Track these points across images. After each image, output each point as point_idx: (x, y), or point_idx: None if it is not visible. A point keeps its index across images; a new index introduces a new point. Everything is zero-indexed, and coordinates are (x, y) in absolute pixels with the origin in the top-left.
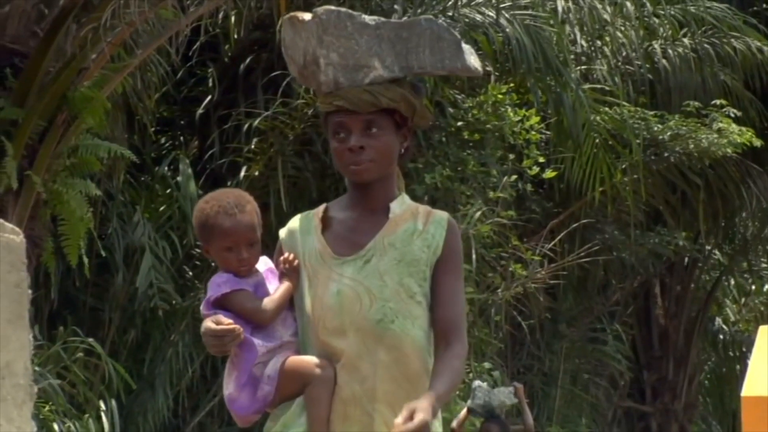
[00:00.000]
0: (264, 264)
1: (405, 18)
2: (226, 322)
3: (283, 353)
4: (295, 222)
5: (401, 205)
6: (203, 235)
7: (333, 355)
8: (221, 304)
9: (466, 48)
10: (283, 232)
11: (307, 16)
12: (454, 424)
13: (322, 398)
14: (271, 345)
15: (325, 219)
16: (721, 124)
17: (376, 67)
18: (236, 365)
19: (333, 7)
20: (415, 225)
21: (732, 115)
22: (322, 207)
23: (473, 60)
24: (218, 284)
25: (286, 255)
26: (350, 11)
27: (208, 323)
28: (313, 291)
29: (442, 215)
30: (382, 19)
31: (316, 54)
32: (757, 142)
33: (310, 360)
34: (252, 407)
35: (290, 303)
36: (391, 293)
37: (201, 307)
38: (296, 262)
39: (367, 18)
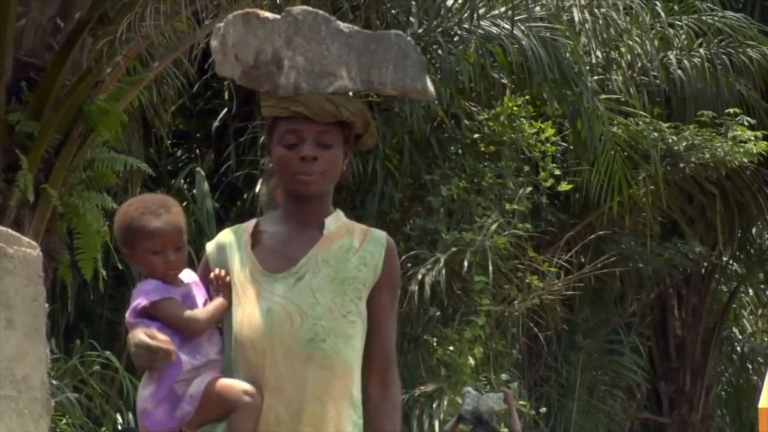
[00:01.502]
0: (188, 276)
1: (375, 30)
2: (162, 338)
3: (208, 373)
4: (223, 236)
5: (336, 221)
6: (126, 238)
7: (259, 376)
8: (148, 313)
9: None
10: (210, 246)
11: (268, 14)
12: (447, 428)
13: (246, 427)
14: (196, 362)
15: (256, 234)
16: (736, 133)
17: (342, 77)
18: (156, 379)
19: (310, 9)
20: (351, 242)
21: (746, 123)
22: (252, 221)
23: (430, 84)
24: (146, 292)
25: (217, 271)
26: (328, 16)
27: (141, 335)
28: (241, 309)
29: (381, 234)
30: (356, 27)
31: (279, 54)
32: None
33: (239, 386)
34: (167, 425)
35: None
36: (324, 311)
37: (126, 315)
38: (228, 278)
39: (342, 24)
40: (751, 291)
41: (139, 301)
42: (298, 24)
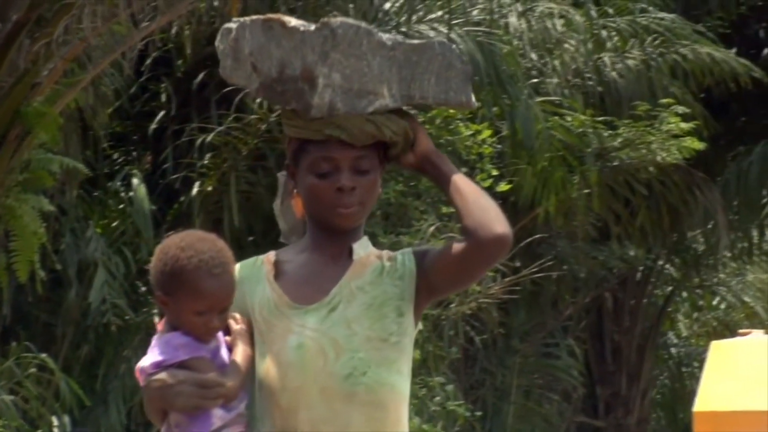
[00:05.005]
0: None
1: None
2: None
3: (235, 426)
4: (242, 270)
5: (365, 247)
6: (168, 286)
7: (293, 423)
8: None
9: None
10: None
11: (295, 22)
12: None
13: None
14: (228, 417)
15: (277, 264)
16: (670, 125)
17: (383, 95)
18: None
19: (351, 21)
20: (382, 263)
21: (680, 114)
22: (271, 253)
23: (472, 94)
24: (174, 347)
25: (237, 316)
26: (370, 28)
27: (183, 371)
28: (267, 348)
29: (407, 249)
30: (399, 38)
31: (312, 71)
32: (700, 145)
33: None
34: None
35: None
36: (361, 342)
37: (144, 365)
38: (244, 322)
39: (385, 36)
40: (686, 295)
41: (165, 357)
42: (336, 38)
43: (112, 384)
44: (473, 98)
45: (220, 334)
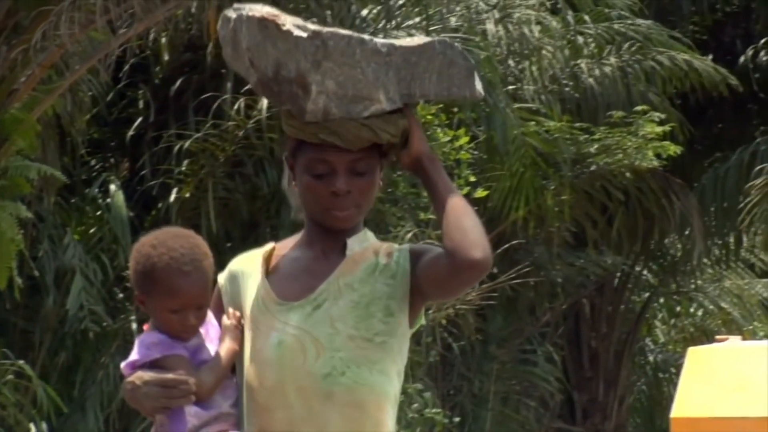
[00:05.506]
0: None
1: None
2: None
3: (216, 425)
4: (236, 264)
5: (362, 241)
6: (143, 285)
7: (270, 422)
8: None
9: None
10: (222, 277)
11: (289, 23)
12: None
13: None
14: (205, 415)
15: (273, 259)
16: (645, 130)
17: (380, 100)
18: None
19: (343, 32)
20: (377, 260)
21: (656, 120)
22: (269, 246)
23: (479, 86)
24: (147, 346)
25: (231, 312)
26: (362, 37)
27: (150, 373)
28: (251, 345)
29: (405, 246)
30: (395, 43)
31: (306, 78)
32: (677, 148)
33: None
34: None
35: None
36: (343, 341)
37: (122, 366)
38: (236, 318)
39: (380, 43)
40: (663, 301)
41: (138, 357)
42: (328, 49)
43: (89, 391)
44: (479, 89)
45: (213, 331)
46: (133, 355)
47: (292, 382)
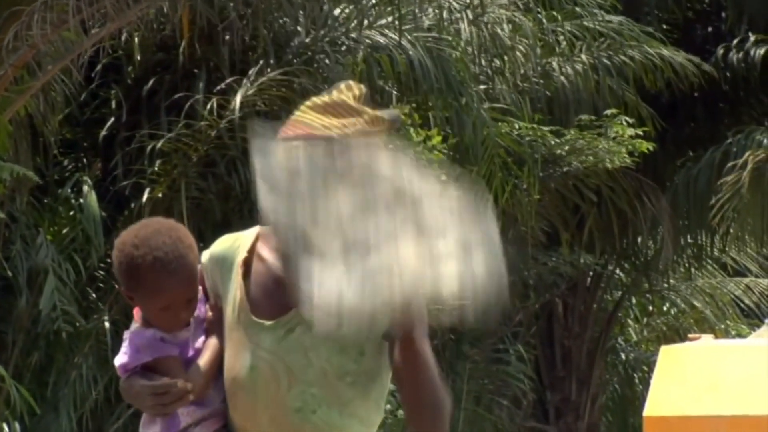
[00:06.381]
0: None
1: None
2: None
3: (210, 422)
4: (220, 247)
5: None
6: (129, 284)
7: None
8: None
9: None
10: (205, 257)
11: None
12: None
13: None
14: (199, 413)
15: (249, 259)
16: (616, 131)
17: None
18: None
19: None
20: None
21: (625, 122)
22: (252, 234)
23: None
24: (137, 348)
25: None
26: None
27: (140, 381)
28: (227, 355)
29: None
30: None
31: None
32: (649, 145)
33: None
34: None
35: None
36: (316, 376)
37: (116, 365)
38: (216, 309)
39: None
40: (636, 300)
41: (128, 361)
42: None
43: (62, 391)
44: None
45: (202, 308)
46: (124, 357)
47: (264, 408)
